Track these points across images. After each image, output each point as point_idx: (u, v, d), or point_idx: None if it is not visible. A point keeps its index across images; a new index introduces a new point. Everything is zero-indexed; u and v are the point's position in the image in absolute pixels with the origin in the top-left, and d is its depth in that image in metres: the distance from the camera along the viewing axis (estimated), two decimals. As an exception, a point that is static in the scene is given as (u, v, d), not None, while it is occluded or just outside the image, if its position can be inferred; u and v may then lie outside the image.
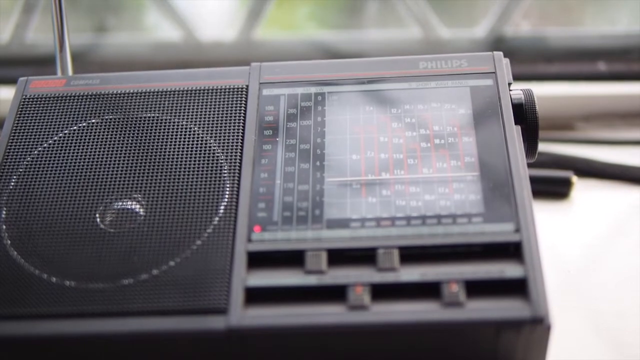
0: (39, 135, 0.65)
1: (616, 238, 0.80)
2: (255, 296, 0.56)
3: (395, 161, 0.62)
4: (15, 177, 0.63)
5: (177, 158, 0.63)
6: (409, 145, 0.63)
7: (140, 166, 0.62)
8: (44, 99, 0.67)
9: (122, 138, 0.64)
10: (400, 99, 0.65)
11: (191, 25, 1.09)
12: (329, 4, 1.24)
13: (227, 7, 1.21)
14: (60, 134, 0.65)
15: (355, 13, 1.19)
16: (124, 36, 1.15)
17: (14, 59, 1.09)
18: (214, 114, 0.65)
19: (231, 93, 0.66)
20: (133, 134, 0.64)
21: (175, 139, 0.64)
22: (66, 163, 0.63)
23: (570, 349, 0.65)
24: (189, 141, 0.64)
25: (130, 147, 0.64)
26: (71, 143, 0.64)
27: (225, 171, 0.62)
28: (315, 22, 1.25)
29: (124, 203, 0.61)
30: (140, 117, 0.65)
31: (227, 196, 0.60)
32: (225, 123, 0.64)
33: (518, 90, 0.66)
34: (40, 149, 0.64)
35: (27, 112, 0.66)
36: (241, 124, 0.64)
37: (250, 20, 1.08)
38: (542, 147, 0.87)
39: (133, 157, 0.63)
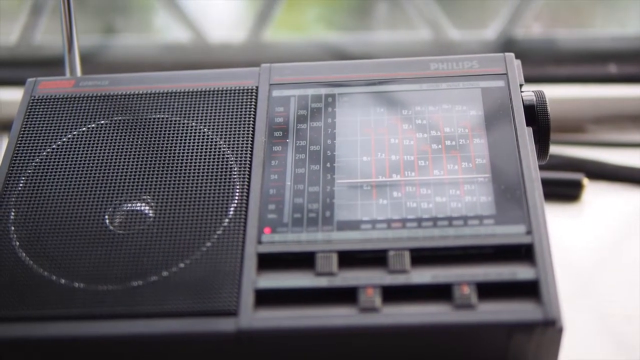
0: (48, 136, 0.65)
1: (627, 240, 0.80)
2: (266, 298, 0.56)
3: (406, 163, 0.62)
4: (23, 178, 0.62)
5: (186, 159, 0.62)
6: (420, 146, 0.62)
7: (149, 167, 0.62)
8: (52, 100, 0.67)
9: (131, 139, 0.64)
10: (411, 100, 0.65)
11: (200, 26, 1.09)
12: (338, 5, 1.24)
13: (236, 9, 1.21)
14: (69, 135, 0.65)
15: (364, 15, 1.19)
16: (132, 38, 1.15)
17: (22, 61, 1.09)
18: (223, 115, 0.65)
19: (241, 94, 0.66)
20: (142, 135, 0.64)
21: (185, 140, 0.64)
22: (75, 164, 0.63)
23: (580, 352, 0.65)
24: (198, 142, 0.63)
25: (140, 148, 0.63)
26: (80, 144, 0.64)
27: (235, 173, 0.61)
28: (324, 24, 1.24)
29: (133, 204, 0.61)
30: (150, 119, 0.65)
31: (237, 198, 0.60)
32: (235, 124, 0.64)
33: (529, 91, 0.65)
34: (49, 150, 0.64)
35: (36, 113, 0.66)
36: (251, 126, 0.64)
37: (259, 21, 1.08)
38: (553, 149, 0.86)
39: (142, 158, 0.63)
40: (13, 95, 1.01)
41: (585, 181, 0.85)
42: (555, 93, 1.00)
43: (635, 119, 1.01)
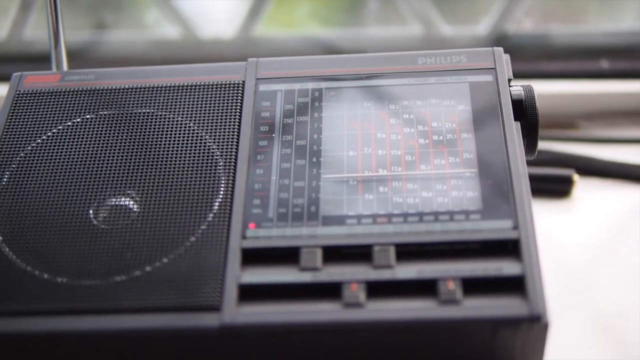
0: (33, 130, 0.64)
1: (617, 237, 0.80)
2: (249, 293, 0.55)
3: (393, 158, 0.61)
4: (8, 173, 0.62)
5: (172, 154, 0.62)
6: (407, 141, 0.62)
7: (134, 162, 0.62)
8: (38, 94, 0.67)
9: (116, 134, 0.64)
10: (398, 94, 0.65)
11: (190, 22, 1.09)
12: (329, 1, 1.23)
13: (227, 4, 1.21)
14: (54, 130, 0.64)
15: (356, 10, 1.19)
16: (123, 33, 1.14)
17: (12, 56, 1.09)
18: (209, 110, 0.64)
19: (227, 89, 0.66)
20: (128, 129, 0.64)
21: (171, 134, 0.63)
22: (60, 159, 0.62)
23: (570, 348, 0.64)
24: (184, 137, 0.63)
25: (125, 143, 0.63)
26: (65, 139, 0.64)
27: (221, 167, 0.61)
28: (315, 20, 1.24)
29: (118, 199, 0.60)
30: (135, 113, 0.65)
31: (221, 192, 0.60)
32: (221, 119, 0.64)
33: (518, 86, 0.65)
34: (33, 144, 0.63)
35: (21, 107, 0.66)
36: (237, 120, 0.64)
37: (250, 17, 1.08)
38: (544, 145, 0.87)
39: (127, 153, 0.62)
40: (2, 91, 1.01)
41: (576, 177, 0.85)
42: (546, 88, 1.00)
43: (627, 114, 1.01)
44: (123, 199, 0.60)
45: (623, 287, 0.72)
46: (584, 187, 0.86)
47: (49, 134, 0.64)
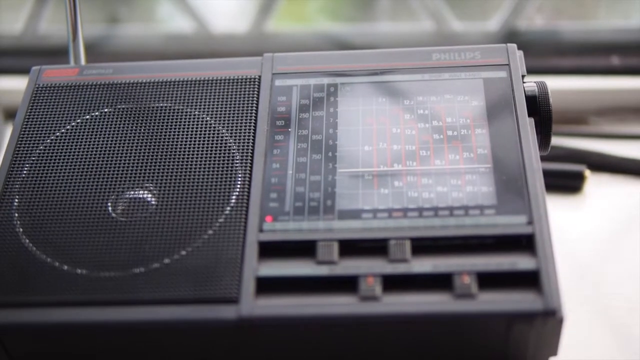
0: (52, 124, 0.65)
1: (629, 233, 0.80)
2: (267, 286, 0.56)
3: (408, 153, 0.62)
4: (27, 165, 0.63)
5: (189, 148, 0.63)
6: (422, 136, 0.62)
7: (152, 156, 0.62)
8: (56, 88, 0.67)
9: (134, 127, 0.64)
10: (413, 90, 0.65)
11: (203, 17, 1.09)
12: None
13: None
14: (73, 123, 0.65)
15: (367, 6, 1.19)
16: (136, 28, 1.15)
17: (28, 50, 1.09)
18: (226, 104, 0.65)
19: (244, 83, 0.66)
20: (146, 123, 0.64)
21: (188, 128, 0.64)
22: (78, 152, 0.63)
23: (581, 343, 0.65)
24: (201, 131, 0.63)
25: (143, 136, 0.64)
26: (84, 132, 0.64)
27: (237, 161, 0.61)
28: (327, 15, 1.24)
29: (136, 192, 0.61)
30: (153, 107, 0.65)
31: (239, 186, 0.60)
32: (238, 113, 0.64)
33: (532, 82, 0.65)
34: (52, 137, 0.64)
35: (40, 101, 0.66)
36: (253, 115, 0.64)
37: (262, 12, 1.08)
38: (555, 141, 0.87)
39: (145, 146, 0.63)
40: (18, 84, 1.01)
41: (587, 173, 0.85)
42: (558, 84, 1.00)
43: (638, 111, 1.01)
44: (141, 192, 0.61)
45: (634, 282, 0.72)
46: (595, 183, 0.86)
47: (68, 127, 0.65)
